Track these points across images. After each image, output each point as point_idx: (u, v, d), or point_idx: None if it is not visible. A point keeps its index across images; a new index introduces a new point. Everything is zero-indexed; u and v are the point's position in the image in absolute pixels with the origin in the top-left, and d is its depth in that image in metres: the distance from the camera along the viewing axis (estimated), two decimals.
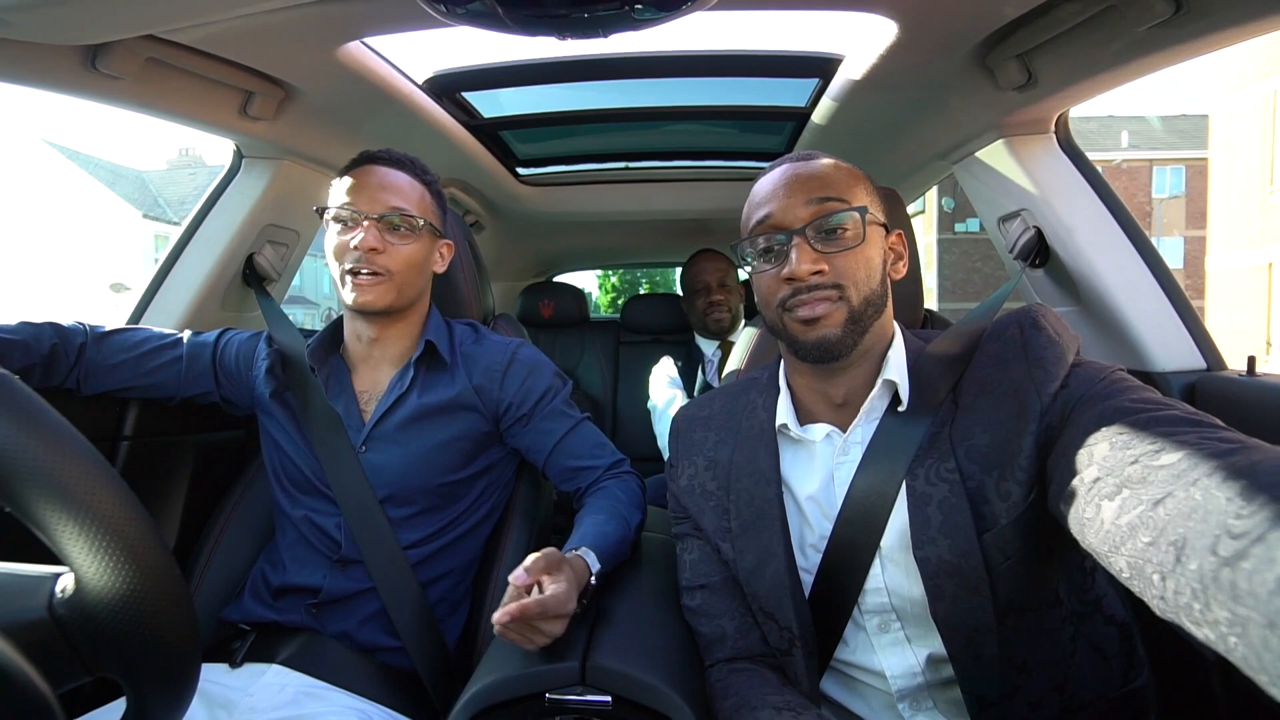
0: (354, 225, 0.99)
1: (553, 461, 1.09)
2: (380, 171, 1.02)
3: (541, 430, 1.09)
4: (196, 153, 29.07)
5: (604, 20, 0.77)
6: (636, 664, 0.74)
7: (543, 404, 1.09)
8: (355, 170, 1.03)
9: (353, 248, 0.98)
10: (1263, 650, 0.40)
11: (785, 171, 0.81)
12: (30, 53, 0.90)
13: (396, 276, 1.01)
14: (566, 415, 1.10)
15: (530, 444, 1.10)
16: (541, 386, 1.09)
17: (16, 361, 0.99)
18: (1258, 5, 0.81)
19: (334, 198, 1.02)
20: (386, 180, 1.02)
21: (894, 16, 1.00)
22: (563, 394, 1.12)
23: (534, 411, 1.08)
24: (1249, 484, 0.45)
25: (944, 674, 0.75)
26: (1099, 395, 0.66)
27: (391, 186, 1.02)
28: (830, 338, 0.76)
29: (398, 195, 1.02)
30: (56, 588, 0.41)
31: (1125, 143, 22.44)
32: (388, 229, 1.00)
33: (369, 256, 0.98)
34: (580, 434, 1.10)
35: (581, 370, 2.76)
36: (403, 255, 1.01)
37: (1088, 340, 1.29)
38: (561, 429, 1.09)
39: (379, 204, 1.00)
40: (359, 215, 0.99)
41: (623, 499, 1.03)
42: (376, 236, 0.98)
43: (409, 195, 1.03)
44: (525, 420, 1.08)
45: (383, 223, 1.00)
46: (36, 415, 0.41)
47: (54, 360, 1.03)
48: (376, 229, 0.99)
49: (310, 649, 0.97)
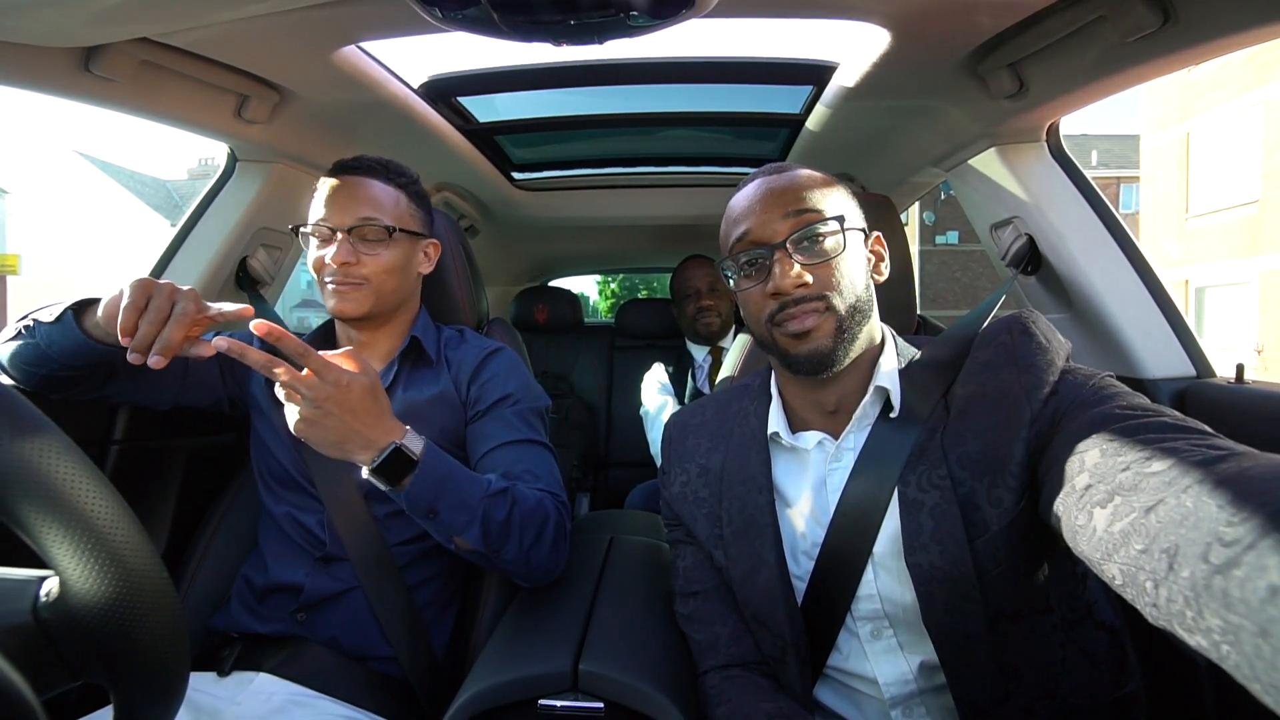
0: (329, 239, 1.00)
1: (481, 467, 0.99)
2: (352, 182, 1.02)
3: (483, 432, 1.03)
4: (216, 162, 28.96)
5: (599, 27, 0.78)
6: (629, 670, 0.74)
7: (497, 407, 1.04)
8: (329, 182, 1.03)
9: (328, 262, 0.99)
10: (1255, 658, 0.40)
11: (760, 186, 0.81)
12: (25, 55, 0.90)
13: (373, 283, 1.01)
14: (517, 428, 1.03)
15: (470, 444, 1.04)
16: (502, 390, 1.06)
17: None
18: (1244, 17, 0.82)
19: (311, 213, 1.03)
20: (358, 191, 1.02)
21: (887, 25, 1.01)
22: (524, 407, 1.05)
23: (486, 411, 1.05)
24: (1240, 491, 0.45)
25: (936, 681, 0.75)
26: (1089, 402, 0.66)
27: (363, 197, 1.02)
28: (822, 349, 0.76)
29: (369, 205, 1.02)
30: (41, 591, 0.40)
31: (1095, 160, 23.90)
32: (359, 239, 1.00)
33: (343, 269, 0.99)
34: (524, 451, 1.00)
35: (576, 375, 2.75)
36: (378, 263, 1.01)
37: (1079, 347, 1.30)
38: (503, 436, 1.01)
39: (349, 216, 1.00)
40: (331, 230, 1.00)
41: (528, 499, 0.91)
42: (349, 250, 0.99)
43: (381, 203, 1.03)
44: (477, 418, 1.05)
45: (354, 234, 1.00)
46: (23, 417, 0.40)
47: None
48: (349, 242, 0.99)
49: (298, 657, 0.96)
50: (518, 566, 0.90)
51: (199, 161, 29.25)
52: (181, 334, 0.82)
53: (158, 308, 0.82)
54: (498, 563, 0.89)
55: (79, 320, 0.91)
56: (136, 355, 0.81)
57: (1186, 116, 14.54)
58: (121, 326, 0.82)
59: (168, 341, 0.81)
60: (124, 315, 0.82)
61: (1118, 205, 22.17)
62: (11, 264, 17.07)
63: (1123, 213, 12.69)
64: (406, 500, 0.83)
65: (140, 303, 0.83)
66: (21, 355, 0.95)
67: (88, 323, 0.91)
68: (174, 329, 0.82)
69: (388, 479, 0.82)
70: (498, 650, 0.82)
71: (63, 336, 0.91)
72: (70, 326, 0.90)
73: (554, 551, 0.93)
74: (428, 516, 0.85)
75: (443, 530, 0.86)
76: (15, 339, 0.96)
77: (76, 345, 0.91)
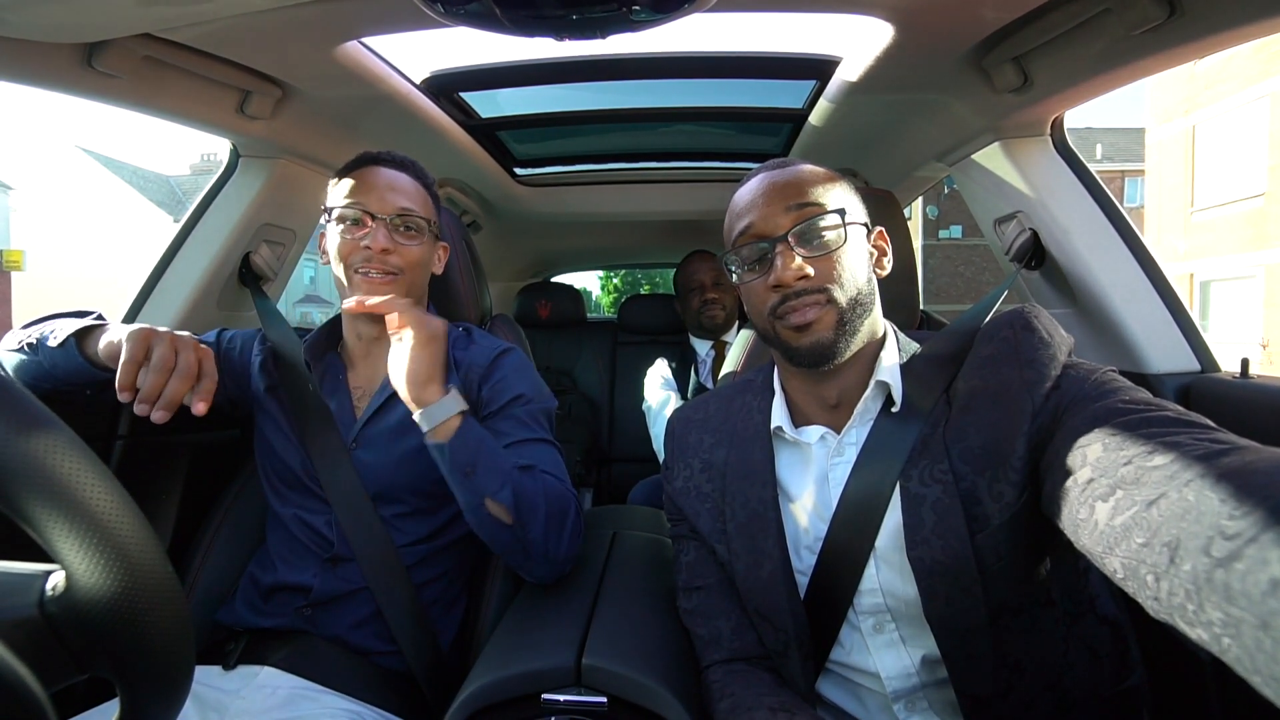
0: (362, 225, 1.00)
1: None
2: (386, 173, 1.03)
3: (496, 430, 1.01)
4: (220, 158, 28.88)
5: (602, 21, 0.78)
6: (632, 665, 0.74)
7: (510, 406, 1.04)
8: (358, 171, 1.03)
9: (363, 247, 0.98)
10: (1256, 651, 0.40)
11: (763, 180, 0.82)
12: (27, 51, 0.90)
13: (406, 276, 1.02)
14: (528, 426, 1.02)
15: None
16: (515, 390, 1.05)
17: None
18: (1250, 10, 0.81)
19: (337, 198, 1.02)
20: (396, 182, 1.02)
21: (890, 19, 1.01)
22: (535, 407, 1.05)
23: (499, 411, 1.03)
24: (1242, 485, 0.45)
25: (939, 675, 0.75)
26: (1091, 396, 0.66)
27: (399, 188, 1.02)
28: (824, 342, 0.77)
29: (405, 197, 1.02)
30: (47, 585, 0.41)
31: (1100, 154, 23.84)
32: (397, 229, 1.01)
33: (380, 257, 0.99)
34: (537, 449, 1.00)
35: (579, 371, 2.75)
36: (412, 256, 1.02)
37: (1083, 342, 1.30)
38: (517, 434, 1.00)
39: (389, 205, 1.00)
40: (370, 215, 0.99)
41: (553, 484, 0.93)
42: (387, 236, 0.99)
43: (415, 197, 1.04)
44: (489, 418, 1.03)
45: (392, 223, 1.00)
46: (28, 413, 0.40)
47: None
48: (386, 229, 0.99)
49: (303, 651, 0.96)
50: (537, 550, 0.90)
51: (202, 157, 29.16)
52: (185, 388, 0.85)
53: (162, 358, 0.84)
54: (523, 539, 0.88)
55: (81, 348, 0.92)
56: (144, 406, 0.84)
57: (1192, 109, 14.51)
58: (120, 382, 0.84)
59: (170, 397, 0.84)
60: (123, 371, 0.83)
61: (1122, 199, 22.17)
62: (16, 260, 17.14)
63: (1127, 207, 12.64)
64: (450, 452, 0.86)
65: (139, 355, 0.84)
66: (26, 370, 0.97)
67: (89, 350, 0.92)
68: (178, 384, 0.84)
69: (435, 431, 0.87)
70: (501, 645, 0.82)
71: (65, 361, 0.93)
72: (73, 353, 0.92)
73: (571, 543, 0.94)
74: (465, 474, 0.86)
75: (476, 492, 0.87)
76: (19, 352, 0.97)
77: (78, 370, 0.93)
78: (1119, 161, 23.79)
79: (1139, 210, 19.01)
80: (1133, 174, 22.77)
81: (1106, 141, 24.81)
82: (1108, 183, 1.28)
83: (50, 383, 0.96)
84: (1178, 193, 15.10)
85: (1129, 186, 23.26)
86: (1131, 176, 23.02)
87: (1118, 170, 23.44)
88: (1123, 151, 24.21)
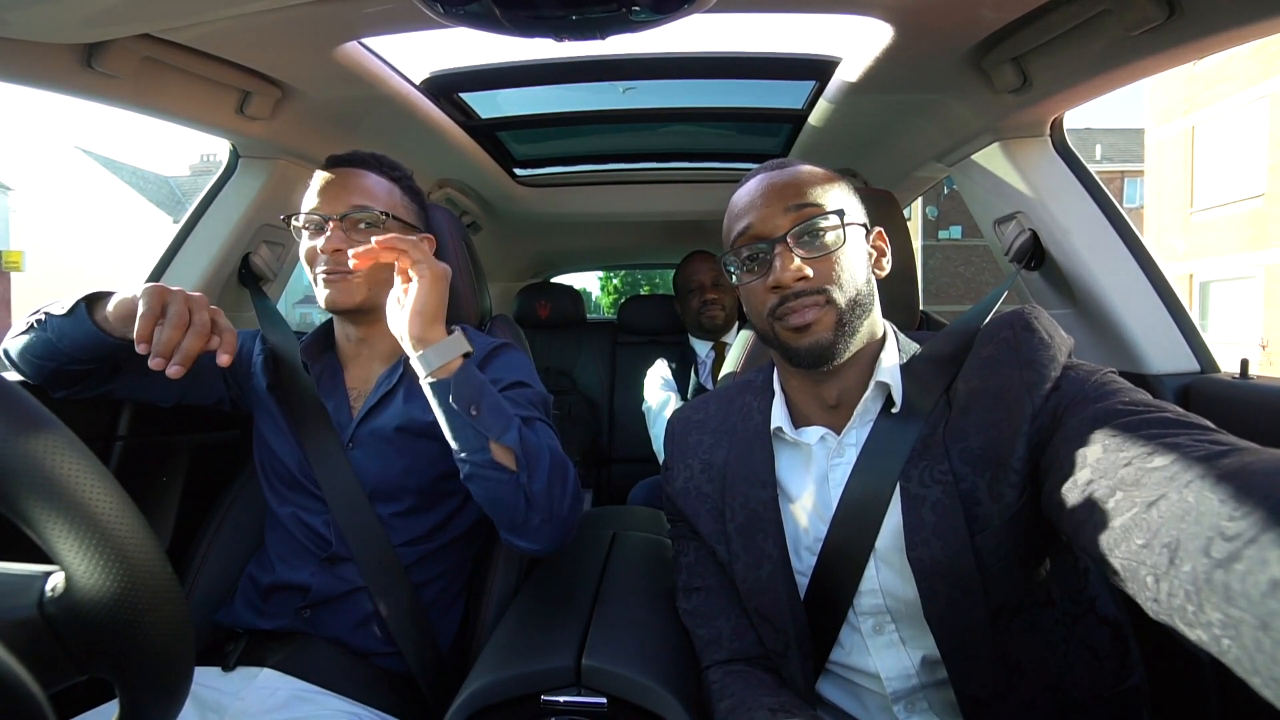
0: (320, 229, 1.00)
1: None
2: (344, 173, 1.03)
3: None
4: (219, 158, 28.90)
5: (601, 22, 0.78)
6: (632, 665, 0.74)
7: (508, 390, 1.01)
8: (321, 175, 1.03)
9: (320, 251, 0.99)
10: (1255, 652, 0.40)
11: (761, 181, 0.82)
12: (27, 51, 0.90)
13: (364, 272, 1.00)
14: (528, 409, 0.99)
15: None
16: (513, 377, 1.04)
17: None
18: (1249, 10, 0.82)
19: (303, 206, 1.03)
20: (349, 181, 1.02)
21: (890, 20, 1.01)
22: (533, 393, 1.03)
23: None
24: (1241, 486, 0.45)
25: (939, 675, 0.75)
26: (1090, 397, 0.66)
27: (355, 186, 1.02)
28: (823, 342, 0.77)
29: (359, 194, 1.02)
30: (47, 586, 0.41)
31: (1099, 154, 23.87)
32: (352, 227, 1.00)
33: (334, 257, 0.98)
34: (537, 427, 0.96)
35: (578, 371, 2.75)
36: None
37: (1082, 342, 1.30)
38: (518, 412, 0.98)
39: (340, 204, 1.00)
40: (323, 218, 0.99)
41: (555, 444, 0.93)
42: (340, 237, 0.98)
43: (373, 193, 1.03)
44: None
45: (346, 221, 1.00)
46: (27, 413, 0.40)
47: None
48: (340, 229, 0.99)
49: (303, 652, 0.96)
50: (541, 503, 0.86)
51: (201, 157, 29.15)
52: (201, 345, 0.84)
53: (178, 313, 0.84)
54: (527, 490, 0.86)
55: (90, 313, 0.92)
56: (159, 360, 0.83)
57: (1192, 110, 14.54)
58: (138, 334, 0.83)
59: (187, 351, 0.83)
60: (140, 323, 0.83)
61: (1122, 200, 22.20)
62: (15, 260, 17.14)
63: (1127, 207, 12.81)
64: (454, 387, 0.84)
65: (156, 310, 0.84)
66: (31, 349, 0.97)
67: (99, 315, 0.92)
68: (194, 339, 0.84)
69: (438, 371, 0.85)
70: (501, 645, 0.82)
71: (74, 328, 0.92)
72: (82, 318, 0.92)
73: (573, 506, 0.91)
74: (470, 412, 0.84)
75: (479, 435, 0.84)
76: (26, 333, 0.97)
77: (86, 337, 0.92)
78: (1118, 162, 23.82)
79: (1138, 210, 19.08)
80: (1132, 174, 22.78)
81: (1106, 142, 24.84)
82: (1107, 183, 1.28)
83: (55, 359, 0.95)
84: (1177, 193, 15.13)
85: (1128, 187, 23.28)
86: (1131, 177, 23.02)
87: (1117, 171, 23.47)
88: (1122, 152, 24.25)
